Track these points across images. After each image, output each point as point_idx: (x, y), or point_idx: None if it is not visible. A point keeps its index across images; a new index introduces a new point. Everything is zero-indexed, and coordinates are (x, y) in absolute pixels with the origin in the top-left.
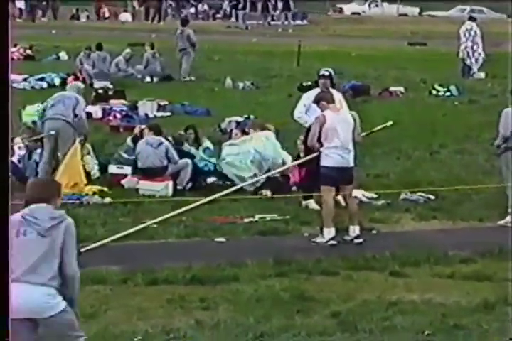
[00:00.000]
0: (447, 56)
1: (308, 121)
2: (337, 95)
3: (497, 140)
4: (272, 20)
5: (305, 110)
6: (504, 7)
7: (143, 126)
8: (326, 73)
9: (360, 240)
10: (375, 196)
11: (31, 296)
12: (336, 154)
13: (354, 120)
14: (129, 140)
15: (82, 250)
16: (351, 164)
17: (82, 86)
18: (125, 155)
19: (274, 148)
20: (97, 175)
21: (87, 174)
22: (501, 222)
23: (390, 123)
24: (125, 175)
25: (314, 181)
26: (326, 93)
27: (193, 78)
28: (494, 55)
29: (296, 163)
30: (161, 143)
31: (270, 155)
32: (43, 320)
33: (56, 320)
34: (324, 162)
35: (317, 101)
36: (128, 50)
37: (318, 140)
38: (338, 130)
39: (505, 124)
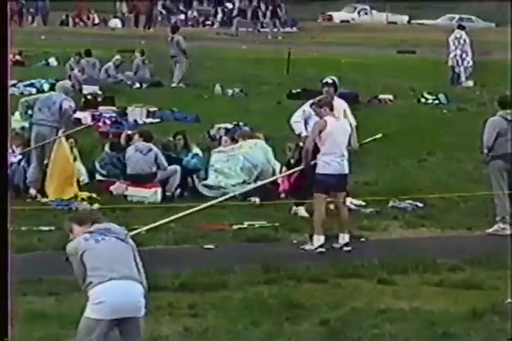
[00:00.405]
0: (436, 64)
1: (300, 129)
2: (343, 104)
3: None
4: (262, 27)
5: (304, 117)
6: (492, 16)
7: (129, 132)
8: (330, 81)
9: (349, 248)
10: (363, 203)
11: (135, 292)
12: (334, 162)
13: (351, 129)
14: (106, 147)
15: None
16: (346, 171)
17: (69, 84)
18: (97, 165)
19: (264, 154)
20: (86, 181)
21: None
22: (490, 230)
23: (379, 135)
24: (112, 182)
25: (305, 188)
26: (329, 99)
27: (182, 85)
28: (483, 64)
29: (287, 173)
30: (150, 150)
31: (260, 162)
32: (136, 320)
33: (142, 320)
34: (322, 170)
35: (319, 106)
36: (118, 57)
37: (315, 145)
38: (336, 136)
39: (489, 134)
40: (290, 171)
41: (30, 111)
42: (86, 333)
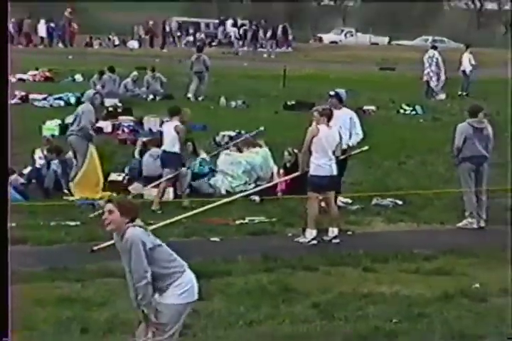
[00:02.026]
0: (413, 79)
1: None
2: (350, 113)
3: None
4: (261, 47)
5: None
6: (462, 37)
7: (144, 139)
8: (332, 93)
9: (338, 240)
10: (350, 201)
11: None
12: (326, 165)
13: (340, 138)
14: (136, 153)
15: (95, 248)
16: (335, 172)
17: (92, 92)
18: (126, 169)
19: (264, 159)
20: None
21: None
22: (459, 225)
23: (366, 148)
24: (122, 182)
25: (298, 189)
26: (330, 111)
27: (202, 97)
28: (453, 79)
29: (286, 178)
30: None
31: (259, 166)
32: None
33: None
34: (316, 172)
35: (321, 114)
36: (135, 73)
37: (309, 149)
38: (325, 142)
39: (457, 138)
40: (289, 176)
41: None
42: (176, 318)
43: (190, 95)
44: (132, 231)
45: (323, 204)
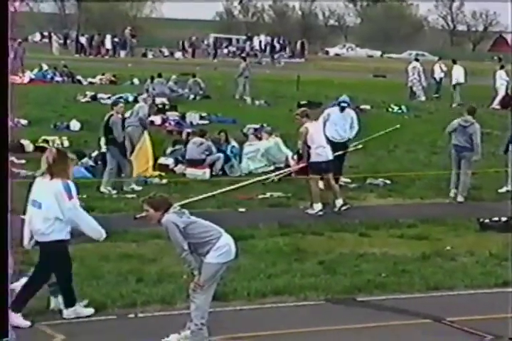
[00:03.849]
0: (400, 85)
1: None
2: (351, 113)
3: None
4: (279, 57)
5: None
6: (438, 52)
7: (189, 130)
8: (345, 104)
9: (347, 206)
10: (349, 181)
11: None
12: (323, 152)
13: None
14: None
15: (137, 216)
16: (331, 157)
17: (146, 95)
18: (172, 154)
19: (277, 146)
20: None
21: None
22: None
23: (360, 146)
24: (168, 165)
25: (305, 171)
26: (306, 111)
27: (248, 97)
28: (431, 85)
29: (295, 168)
30: (202, 143)
31: (274, 151)
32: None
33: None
34: (316, 158)
35: (302, 116)
36: (174, 76)
37: (305, 143)
38: (317, 135)
39: (448, 128)
40: (296, 166)
41: None
42: (212, 275)
43: (245, 97)
44: (165, 218)
45: (322, 183)
